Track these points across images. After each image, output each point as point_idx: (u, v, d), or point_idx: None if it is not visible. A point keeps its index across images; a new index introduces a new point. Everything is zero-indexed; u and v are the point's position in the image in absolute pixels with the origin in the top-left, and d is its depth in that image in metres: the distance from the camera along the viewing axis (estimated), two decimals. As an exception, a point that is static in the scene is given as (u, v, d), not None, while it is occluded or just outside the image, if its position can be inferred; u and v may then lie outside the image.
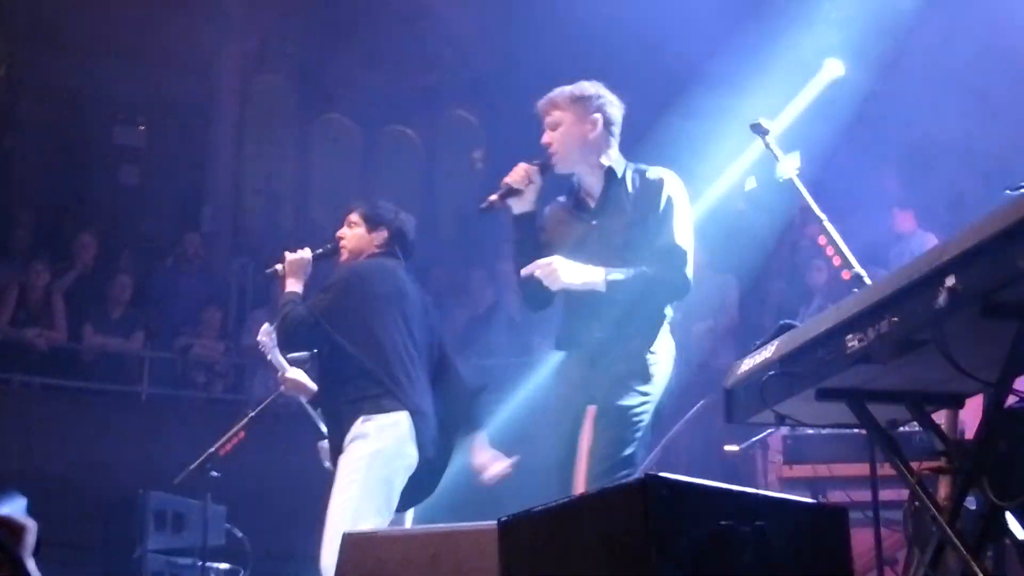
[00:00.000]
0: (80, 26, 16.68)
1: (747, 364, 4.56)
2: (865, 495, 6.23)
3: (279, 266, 7.45)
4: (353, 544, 5.44)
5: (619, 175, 6.35)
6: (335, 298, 7.15)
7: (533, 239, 6.42)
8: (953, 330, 3.62)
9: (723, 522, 3.48)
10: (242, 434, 9.29)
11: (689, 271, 6.17)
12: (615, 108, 6.42)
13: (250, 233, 17.62)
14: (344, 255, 7.47)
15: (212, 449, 9.25)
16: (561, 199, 6.52)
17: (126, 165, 17.59)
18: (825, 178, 10.16)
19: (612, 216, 6.32)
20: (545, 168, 6.33)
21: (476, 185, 18.09)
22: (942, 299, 3.57)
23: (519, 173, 6.29)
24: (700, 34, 13.31)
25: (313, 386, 7.75)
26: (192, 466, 9.34)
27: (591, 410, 6.22)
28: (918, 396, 4.30)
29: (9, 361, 13.84)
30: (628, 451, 6.01)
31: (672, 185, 6.29)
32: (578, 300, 6.23)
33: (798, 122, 11.85)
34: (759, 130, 6.08)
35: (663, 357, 6.22)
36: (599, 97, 6.37)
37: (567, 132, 6.30)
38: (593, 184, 6.40)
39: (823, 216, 5.82)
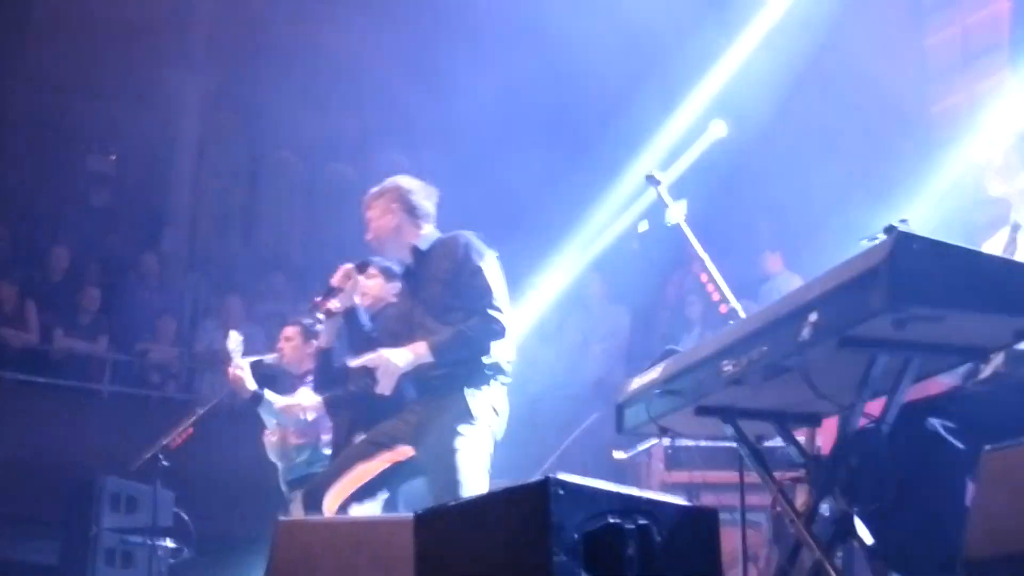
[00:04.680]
0: (58, 65, 16.53)
1: (636, 383, 4.59)
2: (734, 500, 6.24)
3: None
4: (285, 530, 5.40)
5: (423, 249, 6.42)
6: None
7: (359, 330, 6.65)
8: (814, 359, 3.66)
9: (611, 519, 3.51)
10: (191, 429, 9.30)
11: (499, 313, 6.12)
12: (418, 195, 6.49)
13: (203, 252, 17.49)
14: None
15: (164, 441, 9.29)
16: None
17: (97, 189, 17.41)
18: (708, 222, 10.21)
19: (426, 286, 6.36)
20: (363, 266, 6.71)
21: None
22: (806, 332, 3.60)
23: (339, 274, 6.62)
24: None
25: (251, 387, 8.08)
26: (146, 456, 9.37)
27: (400, 449, 6.20)
28: (782, 415, 4.34)
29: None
30: (463, 491, 5.88)
31: (464, 240, 6.33)
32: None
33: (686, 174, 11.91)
34: (652, 180, 6.07)
35: (481, 395, 6.13)
36: (397, 189, 6.48)
37: (376, 224, 6.47)
38: (411, 264, 6.51)
39: (705, 256, 5.82)
